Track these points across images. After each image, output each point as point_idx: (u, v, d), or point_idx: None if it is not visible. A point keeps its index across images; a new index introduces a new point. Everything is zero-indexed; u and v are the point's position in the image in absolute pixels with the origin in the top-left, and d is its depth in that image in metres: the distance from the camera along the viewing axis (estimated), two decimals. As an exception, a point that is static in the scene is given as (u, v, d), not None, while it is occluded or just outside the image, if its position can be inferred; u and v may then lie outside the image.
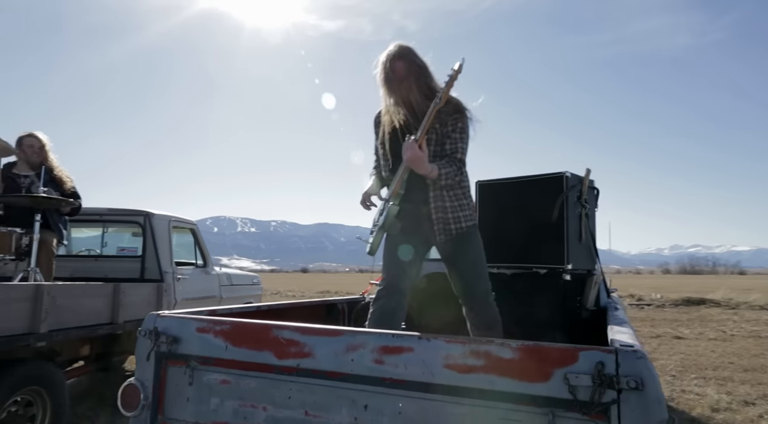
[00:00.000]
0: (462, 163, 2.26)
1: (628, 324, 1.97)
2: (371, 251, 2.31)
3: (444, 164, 2.21)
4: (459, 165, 2.25)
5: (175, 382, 1.84)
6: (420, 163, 2.12)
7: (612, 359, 1.24)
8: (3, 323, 2.65)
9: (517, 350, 1.34)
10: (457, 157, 2.25)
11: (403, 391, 1.47)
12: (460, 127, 2.25)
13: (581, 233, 2.67)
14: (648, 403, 1.19)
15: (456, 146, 2.25)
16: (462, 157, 2.26)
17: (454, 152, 2.24)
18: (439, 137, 2.25)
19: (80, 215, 4.65)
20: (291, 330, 1.64)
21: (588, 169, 2.73)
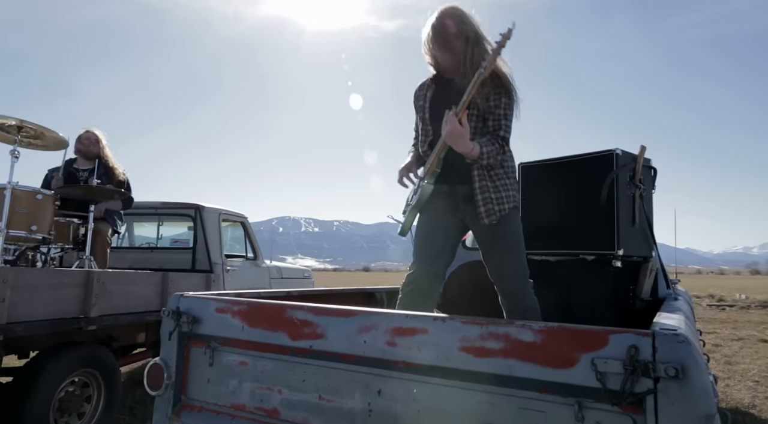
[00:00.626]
0: (505, 141, 2.09)
1: (683, 313, 1.75)
2: (402, 231, 2.21)
3: (486, 142, 2.05)
4: (502, 144, 2.07)
5: (197, 363, 1.83)
6: (460, 140, 1.97)
7: (648, 342, 1.07)
8: (57, 307, 2.79)
9: (538, 332, 1.20)
10: (500, 134, 2.08)
11: (417, 376, 1.37)
12: (505, 102, 2.08)
13: (635, 216, 2.43)
14: (691, 394, 1.02)
15: (499, 123, 2.08)
16: (506, 135, 2.09)
17: (497, 129, 2.08)
18: (481, 112, 2.09)
19: (137, 209, 4.88)
20: (305, 311, 1.58)
21: (643, 146, 2.48)
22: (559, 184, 2.63)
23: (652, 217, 2.59)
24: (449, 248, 2.23)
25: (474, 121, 2.11)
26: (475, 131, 2.09)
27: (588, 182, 2.46)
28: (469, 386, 1.29)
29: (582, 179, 2.51)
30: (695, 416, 1.01)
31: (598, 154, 2.47)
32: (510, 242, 2.16)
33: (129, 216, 5.12)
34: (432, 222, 2.22)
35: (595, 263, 2.42)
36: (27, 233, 2.99)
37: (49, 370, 2.89)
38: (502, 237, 2.15)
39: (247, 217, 5.61)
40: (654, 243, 2.55)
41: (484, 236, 2.18)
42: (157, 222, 5.15)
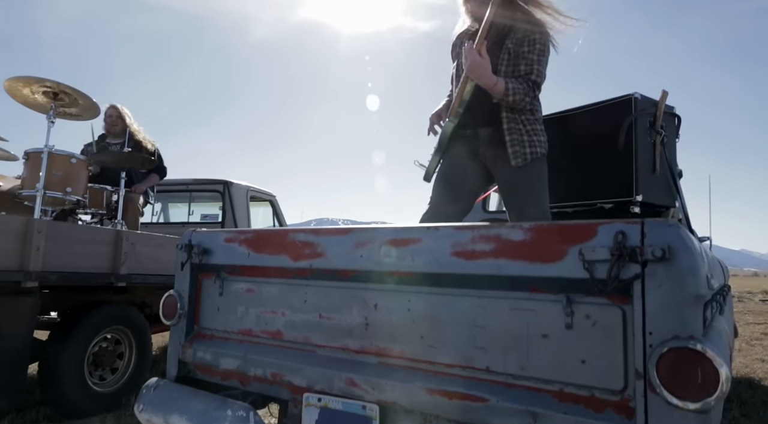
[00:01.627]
0: (536, 86, 2.05)
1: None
2: (426, 175, 2.20)
3: (513, 80, 2.01)
4: (532, 86, 2.03)
5: (208, 293, 1.90)
6: (481, 71, 1.93)
7: (637, 229, 1.04)
8: (88, 261, 2.93)
9: (529, 230, 1.18)
10: (531, 78, 2.04)
11: (411, 286, 1.38)
12: (539, 48, 2.04)
13: (655, 163, 2.34)
14: (678, 276, 0.98)
15: (531, 68, 2.04)
16: (537, 80, 2.05)
17: (529, 73, 2.04)
18: (512, 57, 2.06)
19: (169, 185, 5.07)
20: (306, 233, 1.61)
21: (665, 91, 2.39)
22: (576, 135, 2.56)
23: (675, 165, 2.49)
24: (467, 191, 2.21)
25: (505, 65, 2.08)
26: (506, 76, 2.06)
27: (606, 130, 2.39)
28: (461, 292, 1.29)
29: (600, 128, 2.44)
30: (683, 298, 0.98)
31: (616, 100, 2.40)
32: (534, 188, 2.13)
33: (163, 194, 5.32)
34: (452, 165, 2.21)
35: (613, 212, 2.35)
36: (63, 194, 3.16)
37: (83, 324, 3.05)
38: (526, 183, 2.12)
39: (275, 195, 5.72)
40: (678, 192, 2.45)
41: (509, 180, 2.13)
42: (188, 198, 5.32)
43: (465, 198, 2.23)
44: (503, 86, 1.98)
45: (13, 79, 3.10)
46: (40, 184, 3.03)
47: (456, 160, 2.19)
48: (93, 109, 3.39)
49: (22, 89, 3.17)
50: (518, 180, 2.12)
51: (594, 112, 2.50)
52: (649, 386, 0.98)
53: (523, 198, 2.12)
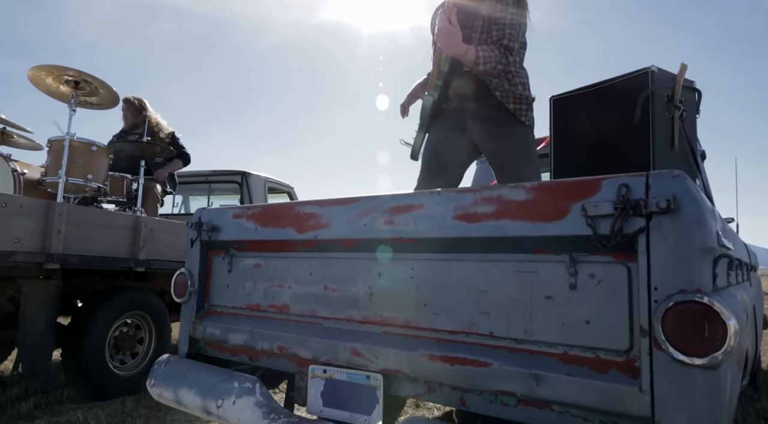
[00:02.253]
0: (508, 50, 2.00)
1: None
2: (413, 153, 2.18)
3: (484, 48, 1.98)
4: (503, 51, 1.99)
5: (218, 271, 1.91)
6: (450, 40, 1.89)
7: (641, 182, 1.01)
8: (108, 247, 2.99)
9: (531, 189, 1.15)
10: (503, 43, 2.00)
11: (414, 253, 1.36)
12: (511, 12, 2.02)
13: (674, 138, 2.27)
14: (685, 227, 0.94)
15: (503, 32, 2.01)
16: (509, 44, 2.00)
17: (501, 38, 2.01)
18: (485, 24, 2.04)
19: (189, 177, 5.14)
20: (311, 205, 1.60)
21: (684, 64, 2.30)
22: (592, 113, 2.49)
23: (696, 141, 2.40)
24: (455, 164, 2.20)
25: (479, 33, 2.05)
26: (479, 44, 2.03)
27: (622, 106, 2.32)
28: (464, 256, 1.27)
29: (616, 103, 2.37)
30: (690, 250, 0.93)
31: (632, 75, 2.32)
32: (524, 155, 2.11)
33: (183, 185, 5.40)
34: (438, 138, 2.20)
35: (629, 189, 2.28)
36: (84, 181, 3.23)
37: (104, 308, 3.12)
38: (516, 149, 2.09)
39: (293, 187, 5.75)
40: (698, 169, 2.37)
41: (496, 148, 2.11)
42: (207, 190, 5.38)
43: (453, 169, 2.21)
44: (474, 55, 1.94)
45: (37, 67, 3.19)
46: (62, 170, 3.11)
47: (441, 134, 2.17)
48: (113, 99, 3.46)
49: (45, 78, 3.26)
50: (508, 148, 2.10)
51: (609, 88, 2.43)
52: (655, 343, 0.94)
53: (515, 167, 2.10)
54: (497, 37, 2.02)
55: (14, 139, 3.46)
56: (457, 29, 1.90)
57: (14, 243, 2.41)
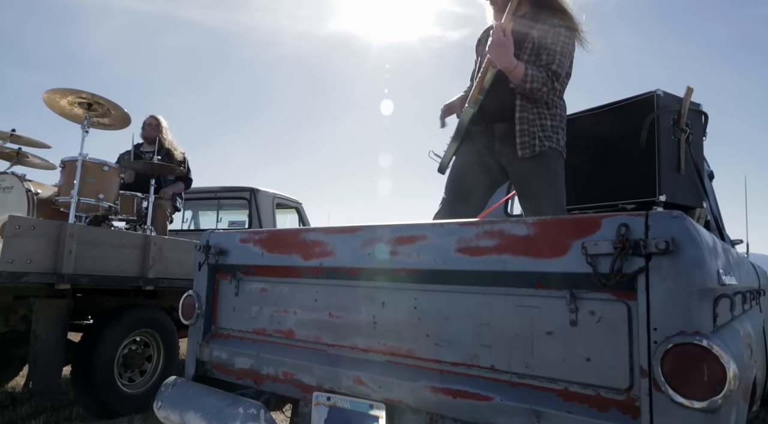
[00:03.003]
0: (556, 75, 2.00)
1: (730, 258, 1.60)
2: (441, 167, 2.18)
3: (533, 67, 1.99)
4: (551, 76, 1.99)
5: (225, 294, 1.94)
6: (502, 51, 1.90)
7: (641, 222, 1.02)
8: (118, 266, 3.04)
9: (532, 225, 1.17)
10: (551, 68, 2.00)
11: (417, 284, 1.37)
12: (563, 41, 2.01)
13: (680, 162, 2.26)
14: (683, 268, 0.95)
15: (553, 58, 2.00)
16: (557, 70, 2.01)
17: (550, 63, 2.01)
18: (535, 47, 2.04)
19: (198, 193, 5.21)
20: (316, 232, 1.62)
21: (689, 87, 2.31)
22: (598, 135, 2.51)
23: (702, 164, 2.40)
24: (481, 187, 2.18)
25: (527, 54, 2.05)
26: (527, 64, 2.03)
27: (628, 129, 2.33)
28: (467, 289, 1.28)
29: (622, 126, 2.38)
30: (689, 292, 0.94)
31: (638, 98, 2.33)
32: (547, 183, 2.06)
33: (192, 201, 5.47)
34: (466, 159, 2.19)
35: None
36: (95, 200, 3.29)
37: (113, 326, 3.15)
38: (539, 177, 2.05)
39: (301, 203, 5.80)
40: (705, 193, 2.36)
41: (522, 175, 2.09)
42: (216, 206, 5.45)
43: (480, 192, 2.20)
44: (522, 71, 1.94)
45: (51, 91, 3.27)
46: (74, 191, 3.17)
47: (468, 157, 2.17)
48: (125, 120, 3.54)
49: (59, 101, 3.34)
50: (532, 175, 2.06)
51: (616, 111, 2.44)
52: (654, 385, 0.95)
53: (535, 197, 2.07)
54: (546, 62, 2.02)
55: (29, 159, 3.54)
56: (510, 42, 1.90)
57: (27, 264, 2.46)
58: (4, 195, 3.28)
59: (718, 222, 2.53)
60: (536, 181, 2.06)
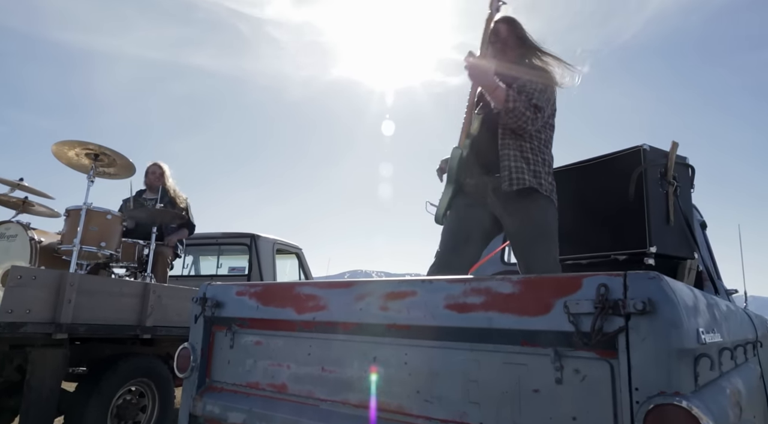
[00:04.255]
0: (537, 108, 2.05)
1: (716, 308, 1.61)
2: (437, 217, 2.22)
3: (514, 90, 2.05)
4: (533, 108, 2.03)
5: (220, 346, 1.95)
6: (483, 74, 1.98)
7: (619, 282, 1.05)
8: (116, 314, 3.04)
9: (517, 283, 1.20)
10: (532, 102, 2.05)
11: (407, 339, 1.39)
12: (541, 85, 2.10)
13: (669, 213, 2.31)
14: (661, 329, 0.98)
15: (532, 94, 2.07)
16: (538, 103, 2.06)
17: (530, 98, 2.07)
18: (518, 87, 2.13)
19: (200, 239, 5.26)
20: (310, 286, 1.66)
21: (675, 142, 2.39)
22: (588, 187, 2.57)
23: (692, 216, 2.45)
24: (474, 239, 2.21)
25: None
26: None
27: (617, 182, 2.40)
28: (455, 345, 1.30)
29: (611, 179, 2.45)
30: (668, 352, 0.96)
31: (625, 152, 2.41)
32: (540, 229, 2.09)
33: (194, 247, 5.51)
34: (460, 214, 2.23)
35: (627, 263, 2.31)
36: (97, 248, 3.33)
37: (109, 375, 3.12)
38: (532, 223, 2.08)
39: (302, 248, 5.83)
40: (696, 244, 2.40)
41: (514, 225, 2.12)
42: (217, 252, 5.48)
43: (473, 244, 2.23)
44: (504, 91, 1.99)
45: (60, 143, 3.38)
46: (77, 239, 3.22)
47: (462, 211, 2.22)
48: (129, 169, 3.63)
49: (67, 152, 3.45)
50: (520, 218, 2.10)
51: (604, 164, 2.52)
52: (638, 445, 0.95)
53: (528, 243, 2.10)
54: (528, 97, 2.08)
55: (35, 208, 3.61)
56: (491, 65, 1.98)
57: (26, 314, 2.47)
58: (8, 243, 3.33)
59: (710, 272, 2.55)
60: (528, 231, 2.09)
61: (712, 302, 1.51)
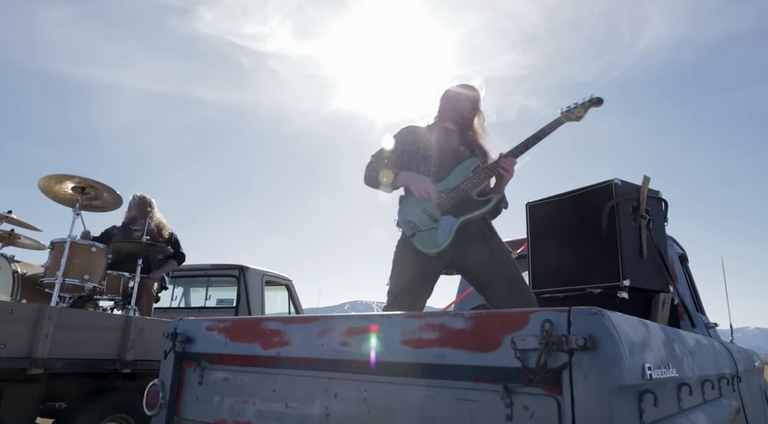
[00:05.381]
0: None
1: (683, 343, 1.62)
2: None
3: None
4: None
5: (189, 382, 1.93)
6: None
7: (563, 318, 1.06)
8: (95, 348, 3.01)
9: (469, 319, 1.21)
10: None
11: (366, 375, 1.39)
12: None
13: (642, 247, 2.32)
14: (601, 365, 0.98)
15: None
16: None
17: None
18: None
19: (189, 271, 5.24)
20: (276, 321, 1.66)
21: (646, 176, 2.43)
22: (563, 220, 2.59)
23: (665, 249, 2.46)
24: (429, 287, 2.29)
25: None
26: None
27: (590, 216, 2.42)
28: (411, 381, 1.30)
29: (584, 213, 2.47)
30: (607, 388, 0.97)
31: (597, 186, 2.45)
32: (513, 266, 2.22)
33: (182, 278, 5.49)
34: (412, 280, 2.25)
35: (601, 297, 2.31)
36: (80, 281, 3.33)
37: (86, 411, 3.07)
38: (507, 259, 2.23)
39: (292, 280, 5.81)
40: (670, 277, 2.40)
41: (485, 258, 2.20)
42: (206, 283, 5.46)
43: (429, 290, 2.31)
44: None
45: (47, 177, 3.42)
46: (59, 271, 3.22)
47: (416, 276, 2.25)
48: (116, 202, 3.66)
49: (54, 186, 3.48)
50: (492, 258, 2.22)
51: (578, 198, 2.55)
52: (581, 485, 0.95)
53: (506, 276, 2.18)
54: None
55: (21, 240, 3.63)
56: None
57: (0, 349, 2.45)
58: (-9, 276, 3.33)
59: (687, 306, 2.54)
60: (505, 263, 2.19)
61: (674, 336, 1.52)
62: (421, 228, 2.21)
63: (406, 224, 2.25)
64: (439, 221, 2.20)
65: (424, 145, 2.38)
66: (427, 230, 2.19)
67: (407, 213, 2.27)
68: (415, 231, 2.21)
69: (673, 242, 2.96)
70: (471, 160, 2.34)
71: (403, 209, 2.31)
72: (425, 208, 2.22)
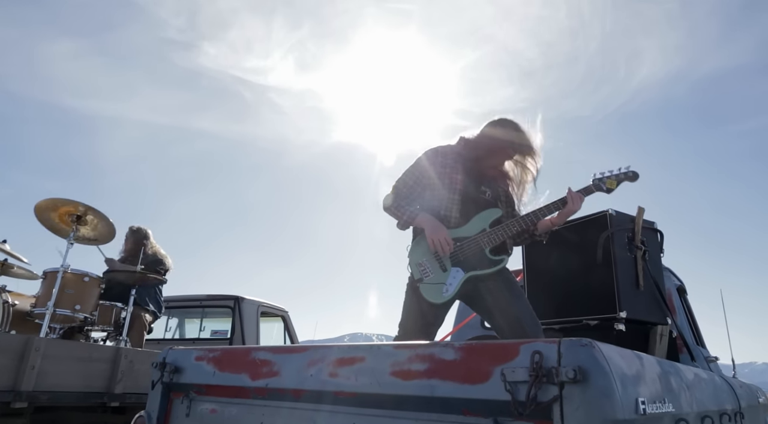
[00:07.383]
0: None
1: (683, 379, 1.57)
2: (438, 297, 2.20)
3: None
4: None
5: (177, 414, 1.88)
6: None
7: (553, 349, 1.04)
8: (83, 381, 2.95)
9: (459, 350, 1.19)
10: None
11: (355, 407, 1.35)
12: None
13: (638, 278, 2.30)
14: (592, 398, 0.96)
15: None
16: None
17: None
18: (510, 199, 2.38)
19: (183, 301, 5.18)
20: (265, 351, 1.63)
21: (641, 207, 2.43)
22: (559, 252, 2.58)
23: (662, 281, 2.44)
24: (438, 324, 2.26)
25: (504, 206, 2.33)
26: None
27: (585, 247, 2.41)
28: (400, 414, 1.26)
29: (579, 244, 2.47)
30: (599, 422, 0.94)
31: (591, 217, 2.45)
32: (519, 288, 2.21)
33: (177, 309, 5.42)
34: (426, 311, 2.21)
35: (598, 329, 2.28)
36: (71, 311, 3.28)
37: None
38: (512, 283, 2.19)
39: (287, 311, 5.74)
40: (668, 309, 2.37)
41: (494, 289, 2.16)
42: (201, 314, 5.39)
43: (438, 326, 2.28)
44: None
45: (44, 201, 3.42)
46: (50, 302, 3.18)
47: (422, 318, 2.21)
48: (110, 234, 3.65)
49: (49, 213, 3.48)
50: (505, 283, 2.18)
51: (572, 229, 2.54)
52: None
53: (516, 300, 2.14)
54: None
55: (14, 270, 3.60)
56: None
57: (-16, 381, 2.40)
58: (-19, 306, 3.28)
59: (686, 339, 2.50)
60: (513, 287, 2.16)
61: (670, 369, 1.49)
62: (429, 274, 2.16)
63: (416, 267, 2.19)
64: (448, 272, 2.14)
65: (450, 182, 2.25)
66: (435, 283, 2.14)
67: (419, 255, 2.20)
68: (423, 277, 2.16)
69: (671, 274, 2.94)
70: (491, 211, 2.23)
71: (414, 250, 2.23)
72: (437, 255, 2.17)
